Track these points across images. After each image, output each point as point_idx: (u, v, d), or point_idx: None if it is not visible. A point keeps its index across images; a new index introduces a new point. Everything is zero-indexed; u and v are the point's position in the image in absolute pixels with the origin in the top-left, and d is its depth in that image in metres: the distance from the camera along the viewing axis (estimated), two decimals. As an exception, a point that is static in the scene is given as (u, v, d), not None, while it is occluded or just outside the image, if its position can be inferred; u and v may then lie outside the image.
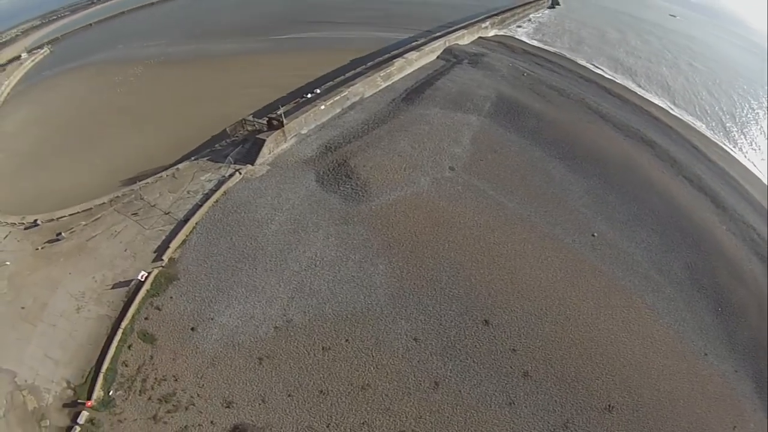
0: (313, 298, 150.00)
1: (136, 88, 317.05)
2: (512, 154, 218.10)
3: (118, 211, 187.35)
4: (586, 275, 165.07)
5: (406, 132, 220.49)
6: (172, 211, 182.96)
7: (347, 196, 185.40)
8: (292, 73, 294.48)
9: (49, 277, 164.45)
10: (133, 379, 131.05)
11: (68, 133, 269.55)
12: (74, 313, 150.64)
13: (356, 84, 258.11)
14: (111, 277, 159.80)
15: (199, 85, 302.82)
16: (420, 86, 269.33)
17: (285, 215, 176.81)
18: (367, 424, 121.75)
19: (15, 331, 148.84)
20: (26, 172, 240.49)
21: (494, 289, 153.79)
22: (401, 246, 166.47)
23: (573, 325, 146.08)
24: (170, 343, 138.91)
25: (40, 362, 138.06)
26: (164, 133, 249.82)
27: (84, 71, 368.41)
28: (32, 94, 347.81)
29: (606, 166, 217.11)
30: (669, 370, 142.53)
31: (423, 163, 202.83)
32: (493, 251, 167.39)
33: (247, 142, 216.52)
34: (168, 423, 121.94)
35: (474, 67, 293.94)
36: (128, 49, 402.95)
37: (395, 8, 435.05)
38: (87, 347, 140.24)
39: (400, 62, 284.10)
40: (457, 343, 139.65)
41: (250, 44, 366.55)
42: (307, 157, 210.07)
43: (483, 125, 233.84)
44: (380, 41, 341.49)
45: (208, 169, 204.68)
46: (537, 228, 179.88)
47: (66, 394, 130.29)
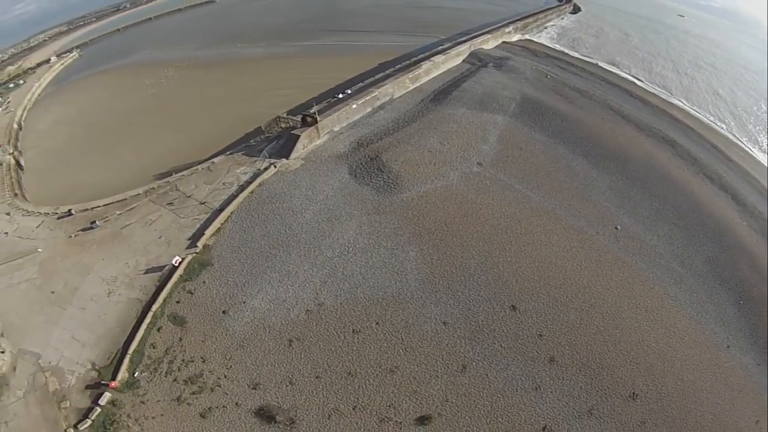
0: (346, 282, 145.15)
1: (167, 89, 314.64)
2: (537, 152, 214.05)
3: (153, 202, 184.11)
4: (609, 266, 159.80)
5: (435, 130, 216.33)
6: (208, 201, 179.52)
7: (379, 188, 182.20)
8: (321, 76, 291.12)
9: (81, 263, 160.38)
10: (160, 360, 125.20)
11: (100, 131, 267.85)
12: (104, 297, 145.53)
13: (386, 85, 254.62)
14: (144, 262, 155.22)
15: (230, 87, 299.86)
16: (447, 88, 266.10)
17: (319, 205, 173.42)
18: (393, 406, 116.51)
19: (43, 314, 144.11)
20: (59, 167, 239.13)
21: (521, 277, 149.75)
22: (431, 235, 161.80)
23: (597, 313, 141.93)
24: (200, 325, 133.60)
25: (66, 344, 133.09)
26: (197, 131, 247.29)
27: (114, 73, 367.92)
28: (63, 95, 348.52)
29: (628, 164, 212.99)
30: (692, 361, 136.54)
31: (452, 159, 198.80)
32: (520, 241, 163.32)
33: (281, 138, 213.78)
34: (192, 404, 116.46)
35: (498, 70, 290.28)
36: (158, 52, 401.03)
37: (420, 15, 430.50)
38: (115, 330, 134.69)
39: (428, 65, 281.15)
40: (485, 327, 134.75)
41: (279, 49, 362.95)
42: (340, 152, 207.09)
43: (508, 124, 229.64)
44: (407, 46, 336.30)
45: (243, 162, 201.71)
46: (562, 220, 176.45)
47: (90, 375, 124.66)
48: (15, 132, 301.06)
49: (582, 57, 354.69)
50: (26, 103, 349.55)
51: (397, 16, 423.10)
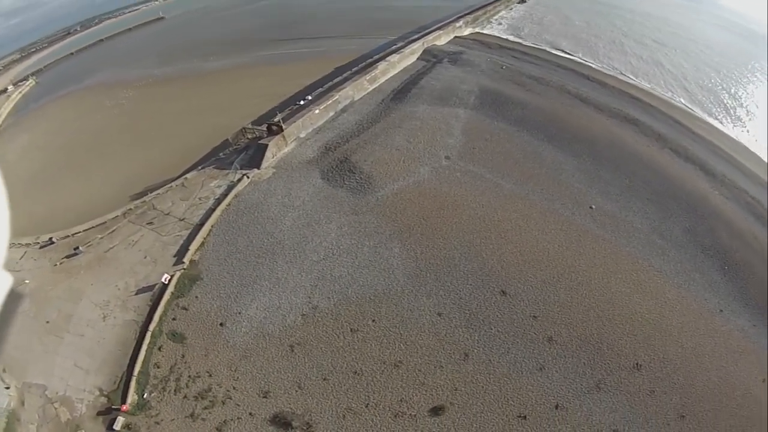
0: (336, 283, 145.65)
1: (129, 108, 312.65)
2: (503, 141, 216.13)
3: (133, 222, 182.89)
4: (590, 244, 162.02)
5: (400, 128, 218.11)
6: (187, 217, 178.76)
7: (354, 189, 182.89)
8: (281, 84, 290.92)
9: (71, 290, 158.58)
10: (166, 379, 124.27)
11: (69, 155, 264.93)
12: (100, 322, 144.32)
13: (345, 88, 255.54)
14: (134, 283, 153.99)
15: (193, 101, 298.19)
16: (405, 86, 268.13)
17: (297, 211, 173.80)
18: (405, 400, 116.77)
19: (41, 344, 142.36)
20: (34, 195, 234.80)
21: (506, 262, 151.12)
22: (412, 230, 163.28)
23: (587, 290, 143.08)
24: (200, 340, 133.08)
25: (69, 373, 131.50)
26: (165, 147, 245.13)
27: (74, 97, 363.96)
28: (26, 124, 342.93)
29: (594, 145, 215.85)
30: (688, 328, 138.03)
31: (420, 155, 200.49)
32: (499, 228, 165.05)
33: (249, 149, 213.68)
34: (206, 419, 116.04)
35: (454, 65, 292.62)
36: (114, 73, 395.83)
37: (372, 16, 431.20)
38: (116, 353, 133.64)
39: (384, 65, 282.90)
40: (479, 314, 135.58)
41: (235, 59, 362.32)
42: (310, 157, 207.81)
43: (471, 117, 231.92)
44: (361, 48, 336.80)
45: (216, 176, 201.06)
46: (536, 204, 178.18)
47: (99, 401, 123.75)
48: None
49: (534, 45, 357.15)
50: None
51: (349, 20, 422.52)
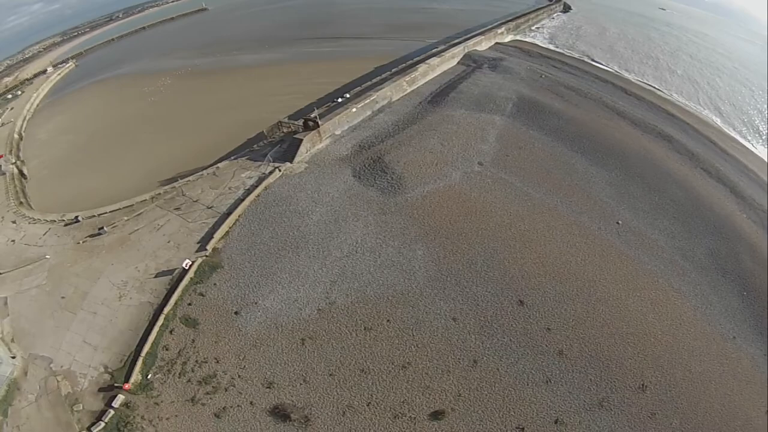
0: (355, 281, 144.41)
1: (166, 97, 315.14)
2: (536, 150, 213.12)
3: (160, 207, 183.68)
4: (613, 260, 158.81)
5: (435, 131, 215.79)
6: (215, 206, 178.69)
7: (384, 189, 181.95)
8: (319, 81, 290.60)
9: (90, 268, 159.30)
10: (173, 362, 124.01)
11: (102, 139, 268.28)
12: (115, 301, 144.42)
13: (384, 88, 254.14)
14: (154, 266, 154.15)
15: (229, 93, 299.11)
16: (444, 90, 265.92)
17: (325, 207, 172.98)
18: (407, 402, 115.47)
19: (53, 320, 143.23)
20: (63, 175, 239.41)
21: (527, 272, 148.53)
22: (437, 233, 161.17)
23: (603, 306, 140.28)
24: (213, 326, 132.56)
25: (77, 348, 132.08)
26: (199, 137, 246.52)
27: (112, 83, 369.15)
28: (62, 105, 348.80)
29: (626, 160, 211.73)
30: (699, 352, 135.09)
31: (453, 159, 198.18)
32: (524, 237, 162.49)
33: (284, 143, 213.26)
34: (206, 404, 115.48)
35: (493, 71, 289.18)
36: (154, 61, 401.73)
37: (413, 18, 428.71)
38: (127, 333, 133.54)
39: (424, 68, 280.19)
40: (494, 322, 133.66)
41: (275, 55, 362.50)
42: (343, 155, 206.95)
43: (506, 124, 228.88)
44: (402, 49, 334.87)
45: (248, 167, 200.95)
46: (563, 216, 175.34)
47: (103, 378, 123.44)
48: (16, 142, 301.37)
49: (575, 55, 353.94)
50: (25, 113, 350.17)
51: (390, 20, 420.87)
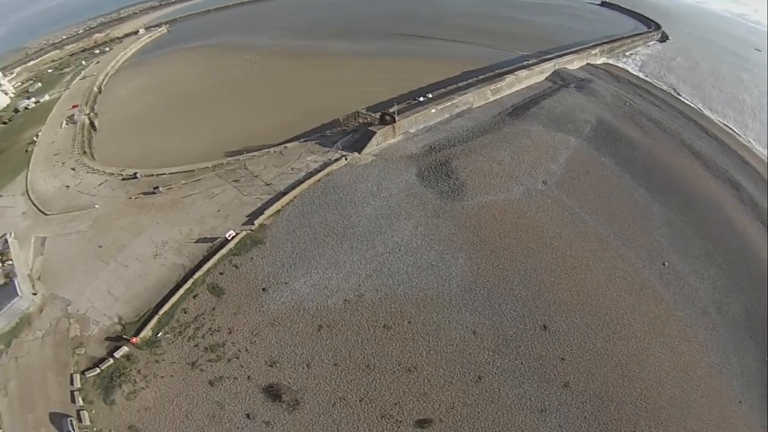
0: (390, 278, 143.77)
1: (249, 72, 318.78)
2: (603, 177, 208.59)
3: (220, 176, 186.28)
4: (647, 300, 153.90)
5: (508, 144, 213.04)
6: (274, 183, 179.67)
7: (443, 193, 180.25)
8: (403, 77, 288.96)
9: (135, 224, 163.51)
10: (187, 325, 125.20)
11: (178, 104, 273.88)
12: (150, 259, 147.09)
13: (467, 94, 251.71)
14: (198, 232, 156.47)
15: (311, 77, 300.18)
16: (526, 103, 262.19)
17: (381, 201, 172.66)
18: (399, 405, 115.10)
19: (85, 265, 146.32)
20: (132, 133, 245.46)
21: (559, 298, 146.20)
22: (483, 244, 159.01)
23: (624, 345, 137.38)
24: (237, 298, 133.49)
25: (99, 296, 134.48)
26: (274, 115, 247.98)
27: (199, 52, 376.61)
28: (147, 67, 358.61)
29: (689, 201, 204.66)
30: (700, 411, 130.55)
31: (519, 174, 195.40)
32: (567, 263, 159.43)
33: (357, 133, 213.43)
34: (205, 371, 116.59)
35: (579, 91, 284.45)
36: (243, 37, 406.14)
37: (508, 28, 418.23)
38: (152, 290, 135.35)
39: (511, 79, 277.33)
40: (512, 342, 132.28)
41: (364, 45, 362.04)
42: (412, 153, 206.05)
43: (580, 147, 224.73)
44: (492, 57, 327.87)
45: (316, 151, 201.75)
46: (612, 248, 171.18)
47: (114, 329, 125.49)
48: (94, 95, 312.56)
49: (662, 87, 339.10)
50: (109, 69, 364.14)
51: (484, 27, 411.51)
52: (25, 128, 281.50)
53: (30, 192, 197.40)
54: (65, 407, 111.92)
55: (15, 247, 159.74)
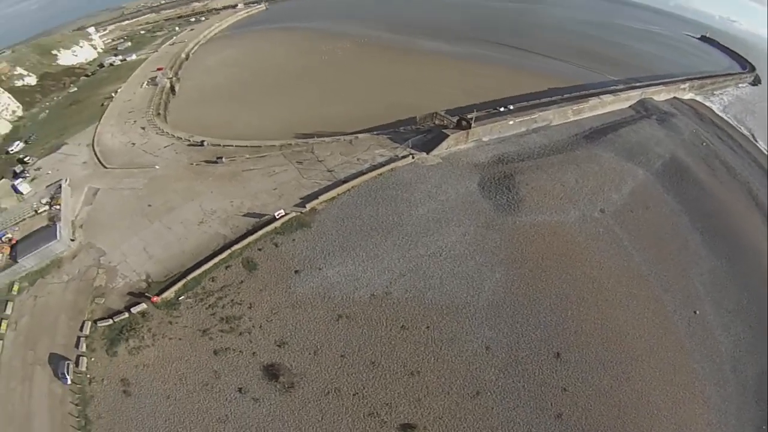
0: (422, 281, 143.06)
1: (337, 59, 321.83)
2: (661, 214, 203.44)
3: (285, 156, 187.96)
4: (667, 346, 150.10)
5: (576, 166, 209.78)
6: (336, 171, 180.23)
7: (500, 205, 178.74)
8: (488, 85, 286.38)
9: (189, 189, 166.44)
10: (211, 294, 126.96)
11: (261, 81, 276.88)
12: (194, 224, 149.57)
13: (548, 111, 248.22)
14: (248, 206, 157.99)
15: (397, 72, 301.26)
16: (605, 128, 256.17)
17: (436, 204, 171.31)
18: (390, 405, 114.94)
19: (130, 221, 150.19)
20: (209, 102, 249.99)
21: (581, 328, 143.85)
22: (524, 263, 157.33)
23: (628, 388, 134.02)
24: (267, 276, 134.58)
25: (135, 253, 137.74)
26: (352, 105, 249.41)
27: (293, 33, 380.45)
28: (238, 40, 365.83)
29: (738, 252, 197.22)
30: None
31: (579, 198, 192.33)
32: (600, 295, 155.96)
33: (430, 133, 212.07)
34: (213, 339, 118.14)
35: (660, 124, 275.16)
36: (339, 24, 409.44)
37: (602, 50, 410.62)
38: (188, 255, 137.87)
39: (594, 102, 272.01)
40: (521, 364, 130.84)
41: (452, 48, 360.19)
42: (479, 162, 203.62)
43: (646, 180, 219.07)
44: (580, 76, 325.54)
45: (385, 145, 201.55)
46: (649, 288, 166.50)
47: (139, 285, 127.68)
48: (181, 61, 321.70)
49: (742, 131, 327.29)
50: (201, 38, 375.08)
51: (578, 45, 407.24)
52: (106, 83, 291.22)
53: (95, 144, 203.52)
54: (67, 351, 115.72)
55: (66, 194, 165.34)
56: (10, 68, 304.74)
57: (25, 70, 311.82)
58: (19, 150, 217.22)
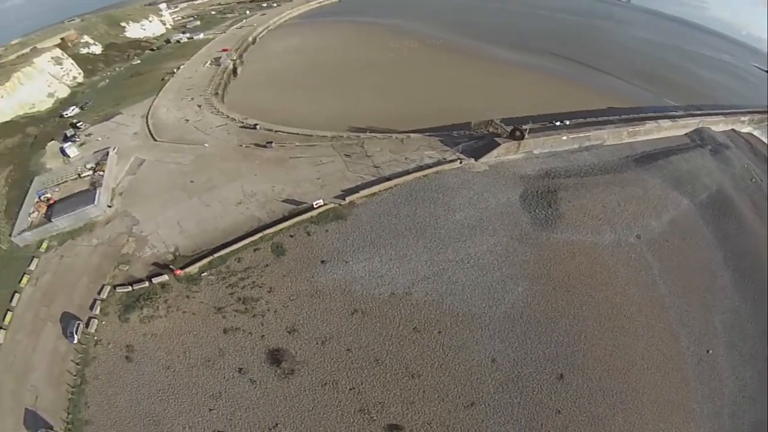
0: (444, 286, 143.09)
1: (403, 58, 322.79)
2: (696, 247, 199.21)
3: (334, 147, 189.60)
4: (671, 382, 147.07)
5: (621, 189, 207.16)
6: (382, 167, 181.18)
7: (537, 219, 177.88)
8: (548, 97, 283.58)
9: (234, 170, 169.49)
10: (234, 274, 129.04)
11: (323, 71, 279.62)
12: (232, 205, 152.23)
13: (603, 130, 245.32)
14: (288, 192, 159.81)
15: (459, 76, 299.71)
16: (656, 153, 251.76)
17: (474, 212, 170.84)
18: (382, 404, 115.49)
19: (169, 195, 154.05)
20: (269, 87, 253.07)
21: (591, 353, 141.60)
22: (549, 280, 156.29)
23: (621, 419, 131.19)
24: (293, 263, 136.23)
25: (168, 225, 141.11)
26: (410, 104, 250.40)
27: (362, 27, 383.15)
28: (306, 29, 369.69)
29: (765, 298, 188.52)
30: None
31: (617, 222, 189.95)
32: (617, 322, 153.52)
33: (482, 140, 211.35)
34: (226, 318, 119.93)
35: (713, 155, 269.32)
36: (410, 23, 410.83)
37: (668, 72, 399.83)
38: (219, 233, 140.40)
39: (651, 126, 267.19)
40: (522, 380, 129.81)
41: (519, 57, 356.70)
42: (525, 174, 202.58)
43: (689, 211, 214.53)
44: (641, 98, 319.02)
45: (436, 147, 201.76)
46: (668, 320, 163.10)
47: (166, 257, 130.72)
48: (247, 44, 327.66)
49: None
50: (270, 24, 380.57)
51: (647, 69, 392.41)
52: (170, 59, 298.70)
53: (149, 116, 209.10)
54: (81, 312, 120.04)
55: (112, 161, 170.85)
56: (77, 36, 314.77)
57: (91, 39, 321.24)
58: (73, 114, 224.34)
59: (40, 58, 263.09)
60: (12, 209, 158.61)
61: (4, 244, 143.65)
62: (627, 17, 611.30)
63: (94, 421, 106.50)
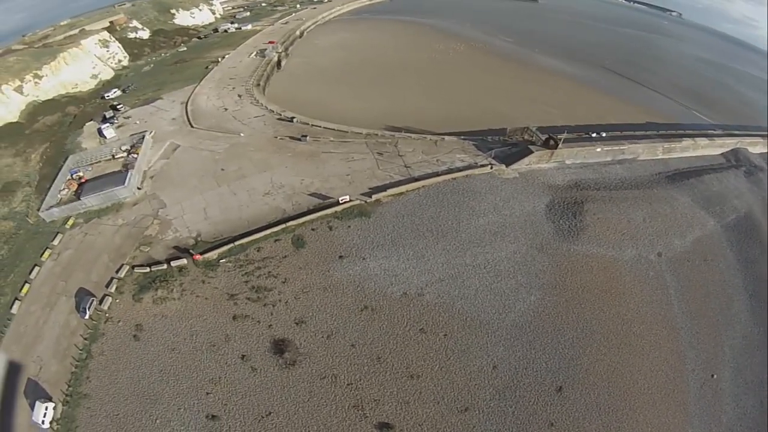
0: (457, 289, 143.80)
1: (449, 60, 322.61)
2: (716, 269, 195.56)
3: (367, 145, 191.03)
4: (670, 405, 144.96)
5: (649, 205, 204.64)
6: (412, 167, 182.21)
7: (560, 230, 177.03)
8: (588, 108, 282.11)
9: (265, 161, 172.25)
10: (251, 262, 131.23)
11: (366, 69, 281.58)
12: (259, 195, 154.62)
13: (638, 144, 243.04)
14: (316, 186, 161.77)
15: (502, 82, 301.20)
16: (689, 172, 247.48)
17: (498, 218, 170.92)
18: (377, 402, 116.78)
19: (199, 181, 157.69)
20: (311, 81, 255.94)
21: (593, 368, 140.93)
22: (563, 291, 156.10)
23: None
24: (311, 256, 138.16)
25: (193, 210, 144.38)
26: (449, 106, 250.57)
27: (410, 27, 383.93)
28: (355, 26, 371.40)
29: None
30: None
31: (640, 238, 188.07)
32: (626, 339, 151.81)
33: (515, 147, 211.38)
34: (237, 305, 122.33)
35: (746, 177, 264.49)
36: (460, 25, 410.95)
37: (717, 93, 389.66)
38: (242, 222, 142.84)
39: (687, 143, 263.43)
40: (520, 389, 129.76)
41: (563, 66, 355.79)
42: (554, 183, 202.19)
43: (714, 232, 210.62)
44: (679, 114, 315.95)
45: (469, 151, 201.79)
46: (677, 341, 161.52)
47: (187, 241, 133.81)
48: (294, 38, 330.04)
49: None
50: (319, 19, 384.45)
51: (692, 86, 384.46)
52: (216, 48, 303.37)
53: (189, 103, 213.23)
54: (96, 289, 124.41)
55: (147, 145, 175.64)
56: (126, 20, 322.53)
57: (140, 24, 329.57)
58: (114, 97, 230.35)
59: (88, 40, 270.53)
60: (43, 185, 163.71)
61: (32, 218, 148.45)
62: (676, 32, 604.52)
63: (92, 395, 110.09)
